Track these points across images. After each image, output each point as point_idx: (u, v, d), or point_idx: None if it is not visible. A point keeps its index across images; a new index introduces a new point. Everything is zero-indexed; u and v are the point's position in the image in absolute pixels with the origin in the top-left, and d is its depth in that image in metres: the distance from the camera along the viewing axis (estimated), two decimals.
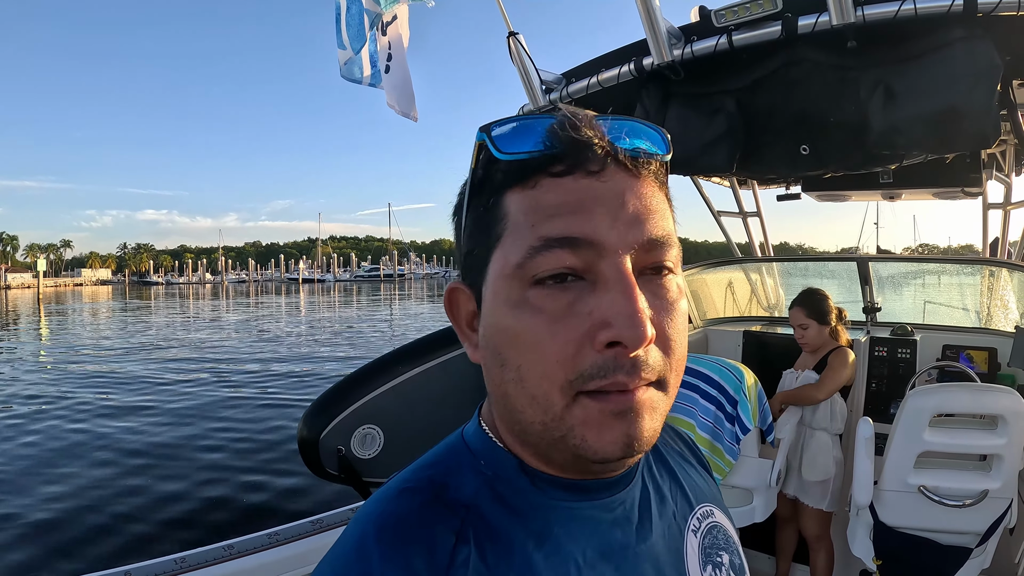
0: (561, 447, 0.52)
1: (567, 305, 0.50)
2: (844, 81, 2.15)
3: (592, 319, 0.49)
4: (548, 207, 0.50)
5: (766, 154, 2.43)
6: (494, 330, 0.54)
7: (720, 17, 2.16)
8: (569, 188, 0.51)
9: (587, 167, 0.51)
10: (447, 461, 0.59)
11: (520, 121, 0.53)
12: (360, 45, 2.77)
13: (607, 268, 0.50)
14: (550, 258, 0.50)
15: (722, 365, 2.78)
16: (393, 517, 0.52)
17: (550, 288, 0.50)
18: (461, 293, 0.60)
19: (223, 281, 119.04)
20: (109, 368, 15.52)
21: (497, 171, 0.53)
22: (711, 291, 4.54)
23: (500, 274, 0.53)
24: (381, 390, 2.28)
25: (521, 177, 0.52)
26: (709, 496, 0.72)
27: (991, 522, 2.41)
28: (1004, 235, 4.17)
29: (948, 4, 1.86)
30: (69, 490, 6.92)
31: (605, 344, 0.48)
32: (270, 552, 2.41)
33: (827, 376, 3.01)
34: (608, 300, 0.49)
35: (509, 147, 0.52)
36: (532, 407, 0.52)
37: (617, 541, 0.58)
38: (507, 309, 0.52)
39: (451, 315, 0.61)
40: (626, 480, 0.61)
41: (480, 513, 0.54)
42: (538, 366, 0.50)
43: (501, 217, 0.53)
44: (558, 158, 0.51)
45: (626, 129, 0.53)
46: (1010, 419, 2.34)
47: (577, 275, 0.50)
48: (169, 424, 9.65)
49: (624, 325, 0.48)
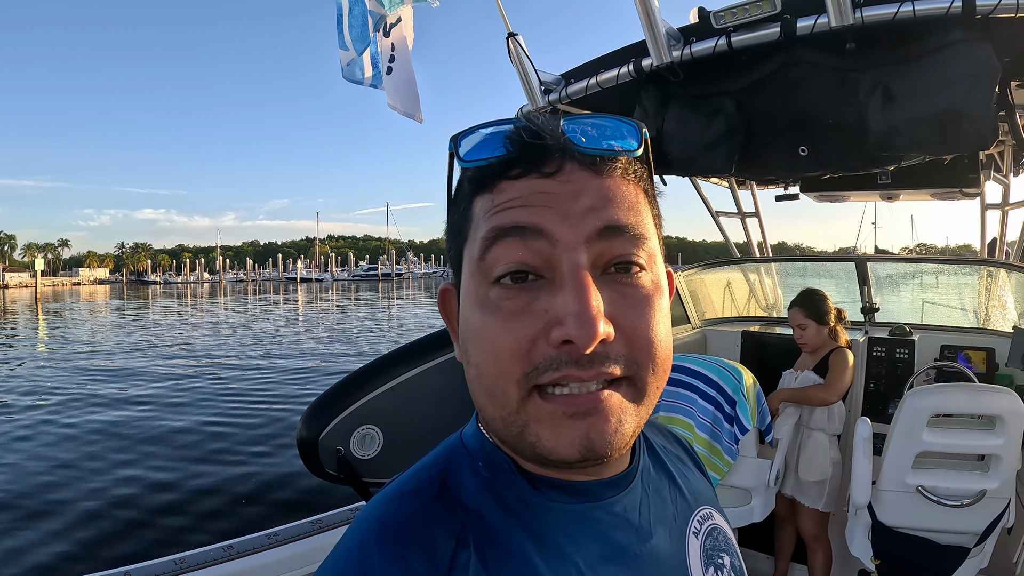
0: (521, 444, 0.53)
1: (525, 304, 0.51)
2: (843, 83, 2.15)
3: (547, 317, 0.50)
4: (502, 203, 0.52)
5: (765, 155, 2.43)
6: (463, 329, 0.56)
7: (719, 18, 2.16)
8: (522, 187, 0.52)
9: (541, 169, 0.52)
10: (446, 463, 0.59)
11: (487, 128, 0.54)
12: (364, 46, 2.78)
13: (563, 265, 0.50)
14: (503, 249, 0.51)
15: (721, 365, 2.78)
16: (394, 519, 0.52)
17: (508, 287, 0.51)
18: (451, 294, 0.62)
19: (221, 280, 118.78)
20: (106, 366, 15.48)
21: (465, 179, 0.57)
22: (710, 291, 4.54)
23: (467, 272, 0.55)
24: (380, 390, 2.27)
25: (484, 183, 0.54)
26: (707, 499, 0.72)
27: (989, 522, 2.41)
28: (1002, 235, 4.18)
29: (947, 6, 1.87)
30: (68, 487, 6.91)
31: (558, 342, 0.49)
32: (270, 552, 2.41)
33: (833, 379, 3.01)
34: (561, 299, 0.49)
35: (470, 155, 0.54)
36: (492, 403, 0.53)
37: (618, 543, 0.57)
38: (473, 307, 0.54)
39: (444, 316, 0.63)
40: (625, 482, 0.61)
41: (480, 516, 0.54)
42: (494, 362, 0.51)
43: (469, 220, 0.55)
44: (514, 162, 0.52)
45: (589, 126, 0.54)
46: (1008, 419, 2.34)
47: (537, 274, 0.51)
48: (167, 423, 9.63)
49: (573, 324, 0.48)
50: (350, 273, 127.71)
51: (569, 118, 0.54)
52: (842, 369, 3.01)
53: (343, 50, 2.84)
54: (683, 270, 4.05)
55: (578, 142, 0.53)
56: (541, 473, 0.57)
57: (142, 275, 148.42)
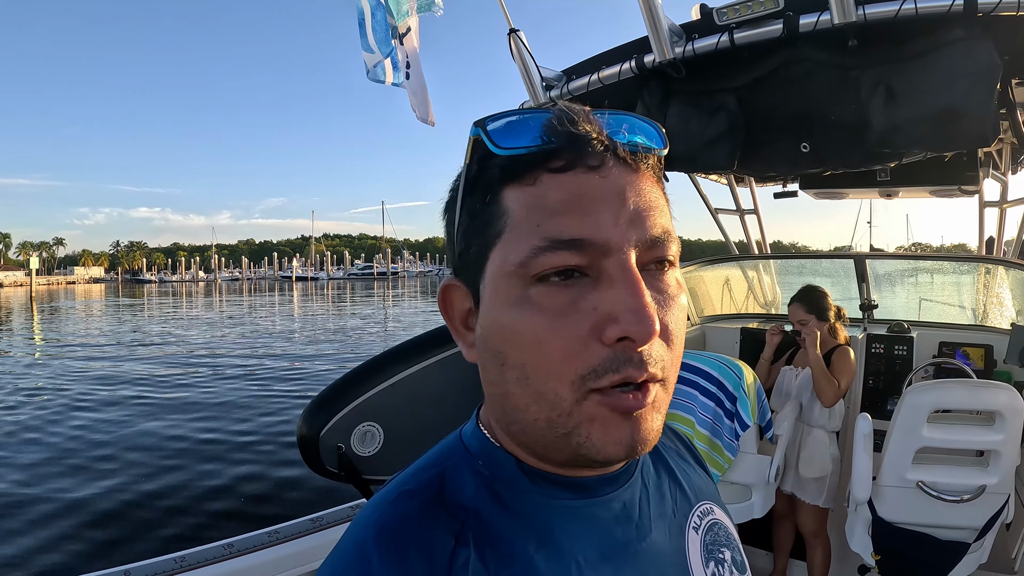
0: (562, 445, 0.52)
1: (570, 302, 0.49)
2: (845, 80, 2.15)
3: (597, 315, 0.49)
4: (551, 205, 0.50)
5: (767, 152, 2.44)
6: (494, 329, 0.53)
7: (722, 15, 2.16)
8: (570, 184, 0.50)
9: (587, 162, 0.50)
10: (445, 462, 0.59)
11: (516, 116, 0.52)
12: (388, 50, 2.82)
13: (611, 265, 0.49)
14: (554, 258, 0.49)
15: (721, 362, 2.78)
16: (392, 520, 0.52)
17: (553, 285, 0.50)
18: (456, 290, 0.58)
19: (216, 279, 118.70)
20: (102, 365, 15.45)
21: (494, 167, 0.52)
22: (708, 288, 4.55)
23: (500, 272, 0.52)
24: (381, 387, 2.27)
25: (519, 173, 0.51)
26: (708, 494, 0.72)
27: (988, 517, 2.43)
28: (1000, 233, 4.19)
29: (948, 4, 1.87)
30: (63, 486, 6.89)
31: (614, 339, 0.48)
32: (270, 550, 2.40)
33: (842, 380, 3.02)
34: (613, 295, 0.48)
35: (506, 142, 0.51)
36: (538, 404, 0.51)
37: (618, 539, 0.57)
38: (508, 307, 0.51)
39: (445, 313, 0.60)
40: (625, 477, 0.61)
41: (479, 515, 0.53)
42: (543, 363, 0.50)
43: (500, 214, 0.52)
44: (557, 153, 0.50)
45: (624, 123, 0.53)
46: (1008, 415, 2.36)
47: (580, 271, 0.50)
48: (165, 421, 9.61)
49: (632, 320, 0.47)
50: (345, 272, 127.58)
51: (599, 112, 0.53)
52: (849, 369, 3.03)
53: (368, 52, 2.88)
54: (682, 267, 4.05)
55: (619, 137, 0.52)
56: (544, 470, 0.57)
57: (137, 274, 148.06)
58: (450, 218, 0.59)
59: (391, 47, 2.81)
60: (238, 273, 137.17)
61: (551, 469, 0.56)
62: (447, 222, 0.59)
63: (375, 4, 2.79)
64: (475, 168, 0.54)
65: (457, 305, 0.59)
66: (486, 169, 0.53)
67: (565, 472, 0.57)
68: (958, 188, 3.25)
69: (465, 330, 0.59)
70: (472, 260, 0.55)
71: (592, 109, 0.54)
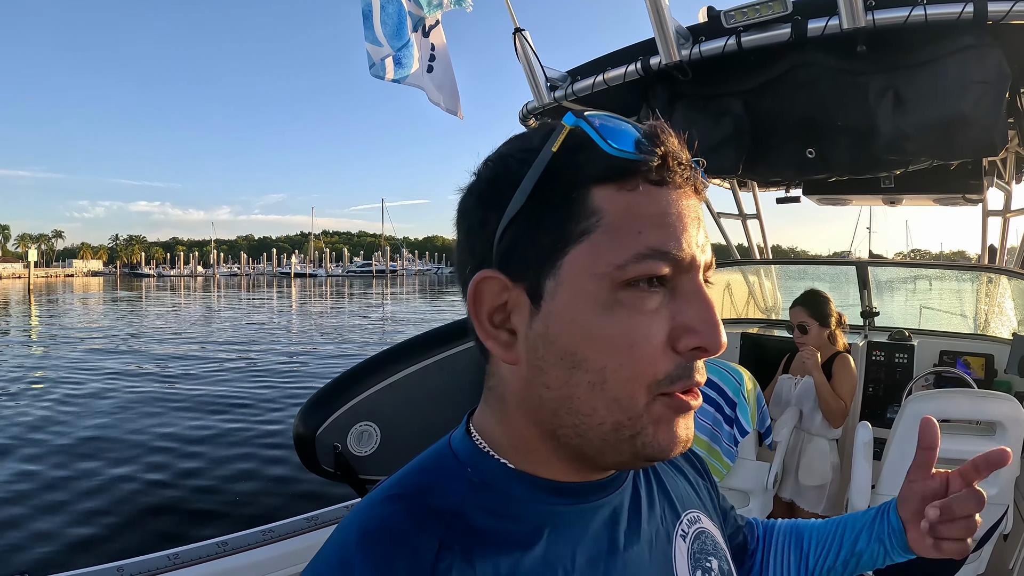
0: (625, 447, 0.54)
1: (655, 310, 0.52)
2: (853, 85, 2.15)
3: (674, 324, 0.52)
4: (652, 216, 0.52)
5: (772, 157, 2.43)
6: (570, 329, 0.52)
7: (729, 18, 2.15)
8: (667, 200, 0.53)
9: (676, 180, 0.54)
10: (432, 467, 0.59)
11: (609, 119, 0.53)
12: (400, 44, 2.80)
13: (688, 280, 0.53)
14: (649, 266, 0.51)
15: (721, 367, 2.77)
16: (375, 525, 0.52)
17: (643, 291, 0.52)
18: (495, 283, 0.55)
19: (215, 274, 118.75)
20: (97, 359, 15.43)
21: (585, 162, 0.52)
22: (709, 292, 4.54)
23: (587, 271, 0.51)
24: (378, 387, 2.26)
25: (621, 176, 0.52)
26: (697, 503, 0.74)
27: (987, 528, 2.42)
28: (1003, 242, 4.19)
29: (958, 11, 1.86)
30: (57, 482, 6.88)
31: (689, 349, 0.52)
32: (264, 549, 2.38)
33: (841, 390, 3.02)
34: (692, 309, 0.52)
35: (621, 145, 0.51)
36: (609, 408, 0.52)
37: (605, 545, 0.58)
38: (594, 308, 0.51)
39: (474, 308, 0.56)
40: (616, 483, 0.62)
41: (466, 520, 0.53)
42: (628, 367, 0.52)
43: (590, 212, 0.51)
44: (660, 167, 0.52)
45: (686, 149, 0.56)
46: (1008, 425, 2.35)
47: (661, 281, 0.53)
48: (159, 417, 9.59)
49: (709, 334, 0.52)
50: (344, 269, 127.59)
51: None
52: (851, 379, 3.02)
53: (374, 45, 2.84)
54: None
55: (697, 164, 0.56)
56: (535, 475, 0.57)
57: (136, 268, 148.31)
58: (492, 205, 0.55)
59: (404, 40, 2.79)
60: (236, 269, 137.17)
61: (541, 473, 0.58)
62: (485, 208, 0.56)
63: None
64: (563, 160, 0.52)
65: (488, 300, 0.55)
66: (577, 164, 0.52)
67: (558, 476, 0.58)
68: (962, 196, 3.25)
69: (492, 327, 0.56)
70: (538, 255, 0.53)
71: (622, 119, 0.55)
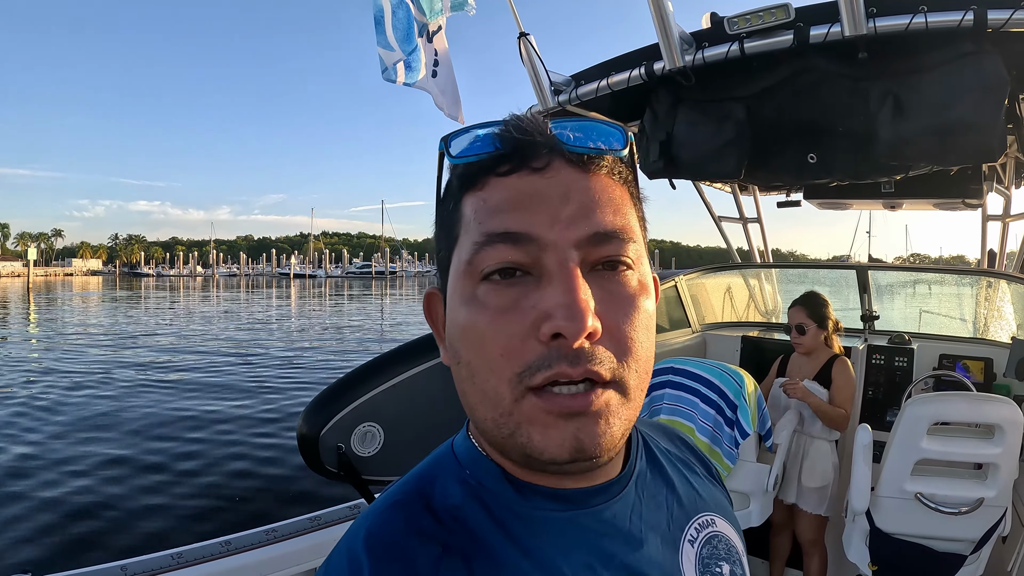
0: (511, 446, 0.52)
1: (513, 300, 0.51)
2: (853, 91, 2.16)
3: (535, 312, 0.50)
4: (493, 204, 0.52)
5: (774, 161, 2.45)
6: (450, 328, 0.56)
7: (732, 24, 2.17)
8: (512, 186, 0.52)
9: (530, 164, 0.52)
10: (435, 472, 0.60)
11: (476, 128, 0.55)
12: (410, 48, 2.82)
13: (550, 262, 0.50)
14: (493, 253, 0.51)
15: (723, 370, 2.79)
16: (380, 531, 0.53)
17: (496, 283, 0.51)
18: (435, 298, 0.61)
19: (214, 274, 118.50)
20: (97, 358, 15.40)
21: (454, 176, 0.56)
22: (710, 296, 4.55)
23: (456, 272, 0.54)
24: (382, 388, 2.27)
25: (473, 179, 0.54)
26: (711, 505, 0.70)
27: (986, 530, 2.44)
28: (1002, 247, 4.20)
29: (959, 19, 1.89)
30: (58, 479, 6.87)
31: (549, 336, 0.49)
32: (268, 549, 2.39)
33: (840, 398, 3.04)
34: (549, 292, 0.49)
35: (461, 152, 0.54)
36: (483, 403, 0.52)
37: (606, 551, 0.56)
38: (460, 306, 0.53)
39: (430, 320, 0.62)
40: (617, 488, 0.60)
41: (466, 525, 0.54)
42: (486, 361, 0.51)
43: (458, 220, 0.55)
44: (504, 158, 0.53)
45: (574, 126, 0.54)
46: (1007, 429, 2.36)
47: (524, 270, 0.51)
48: (163, 418, 9.58)
49: (562, 316, 0.48)
50: (343, 270, 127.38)
51: (556, 120, 0.55)
52: (849, 383, 3.05)
53: (386, 50, 2.86)
54: (684, 274, 4.06)
55: (566, 140, 0.53)
56: (530, 480, 0.57)
57: (135, 267, 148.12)
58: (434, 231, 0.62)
59: (413, 45, 2.81)
60: (236, 269, 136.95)
61: (537, 480, 0.56)
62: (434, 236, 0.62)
63: (397, 2, 2.79)
64: (443, 179, 0.58)
65: (438, 311, 0.61)
66: (450, 180, 0.57)
67: (551, 483, 0.56)
68: (962, 201, 3.27)
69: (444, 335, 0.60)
70: (442, 266, 0.58)
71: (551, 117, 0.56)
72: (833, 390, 3.05)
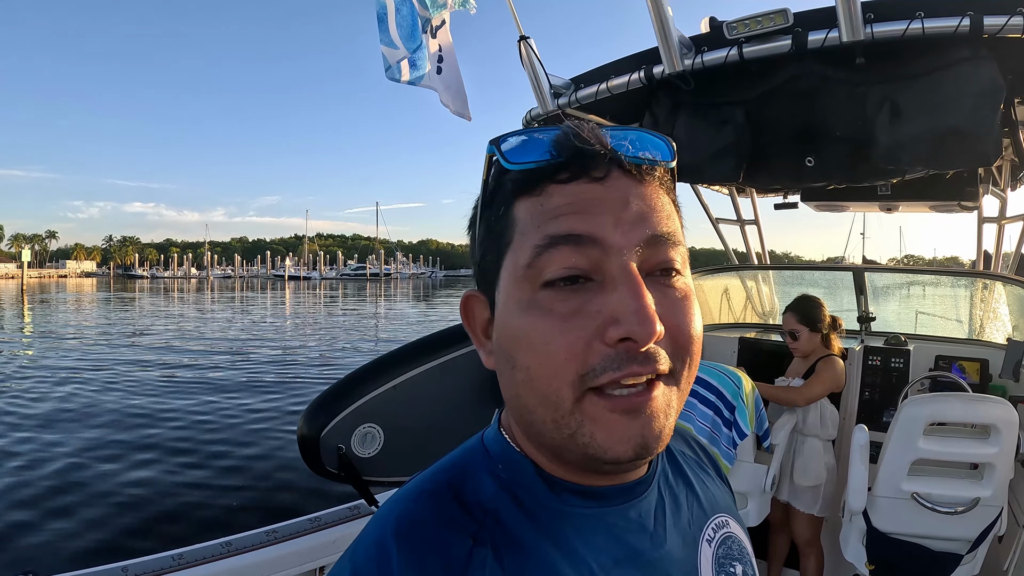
0: (571, 446, 0.53)
1: (577, 306, 0.51)
2: (851, 96, 2.19)
3: (601, 317, 0.50)
4: (553, 209, 0.52)
5: (772, 165, 2.47)
6: (505, 333, 0.55)
7: (731, 29, 2.19)
8: (573, 192, 0.53)
9: (591, 173, 0.53)
10: (466, 464, 0.60)
11: (528, 133, 0.55)
12: (414, 45, 2.81)
13: (613, 268, 0.51)
14: (556, 256, 0.51)
15: (720, 371, 2.80)
16: (411, 517, 0.54)
17: (560, 290, 0.51)
18: (476, 300, 0.61)
19: (208, 276, 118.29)
20: (91, 360, 15.34)
21: (507, 181, 0.56)
22: (707, 298, 4.57)
23: (511, 277, 0.54)
24: (382, 389, 2.27)
25: (529, 185, 0.54)
26: (724, 506, 0.72)
27: (982, 529, 2.46)
28: (998, 249, 4.23)
29: (955, 25, 1.91)
30: (61, 482, 6.85)
31: (616, 340, 0.50)
32: (268, 549, 2.39)
33: (810, 381, 3.05)
34: (616, 298, 0.50)
35: (517, 158, 0.54)
36: (543, 406, 0.53)
37: (632, 548, 0.58)
38: (517, 311, 0.53)
39: (467, 323, 0.63)
40: (643, 487, 0.62)
41: (498, 517, 0.55)
42: (548, 364, 0.51)
43: (511, 224, 0.55)
44: (563, 166, 0.53)
45: (630, 137, 0.56)
46: (1003, 429, 2.38)
47: (587, 277, 0.52)
48: (163, 420, 9.54)
49: (633, 321, 0.49)
50: (338, 272, 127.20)
51: (608, 128, 0.56)
52: (822, 374, 3.05)
53: (390, 48, 2.85)
54: None
55: (624, 150, 0.54)
56: (561, 477, 0.58)
57: (129, 269, 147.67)
58: (472, 234, 0.62)
59: (418, 42, 2.80)
60: (230, 271, 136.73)
61: (569, 477, 0.58)
62: (471, 238, 0.62)
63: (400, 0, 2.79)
64: (491, 184, 0.58)
65: (478, 316, 0.61)
66: (500, 184, 0.57)
67: (583, 480, 0.58)
68: (958, 204, 3.29)
69: (485, 339, 0.61)
70: (488, 270, 0.58)
71: (603, 124, 0.56)
72: (811, 380, 3.07)
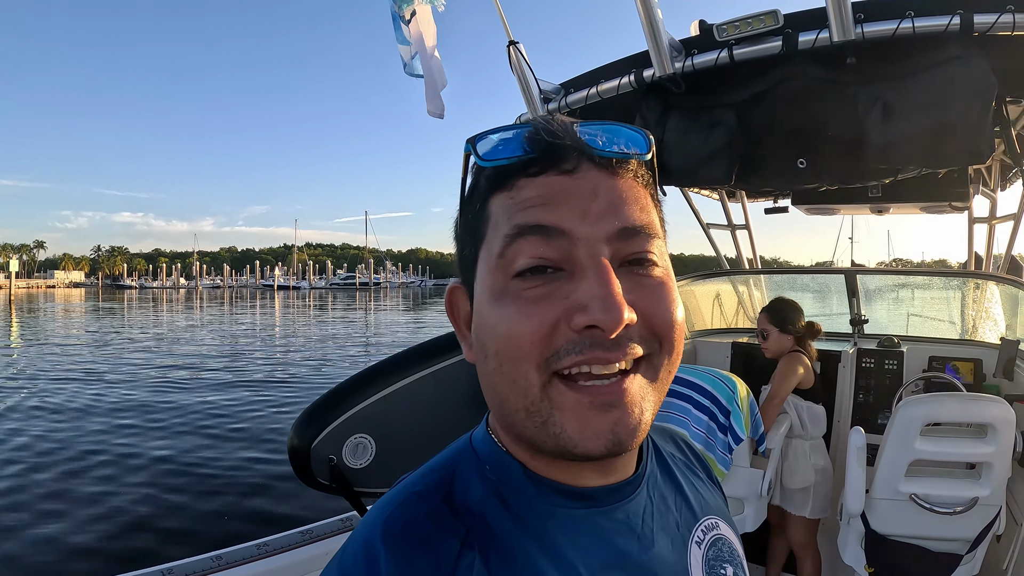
0: (544, 437, 0.52)
1: (546, 292, 0.52)
2: (842, 96, 2.19)
3: (568, 303, 0.51)
4: (523, 201, 0.53)
5: (764, 167, 2.47)
6: (479, 322, 0.56)
7: (721, 31, 2.19)
8: (543, 184, 0.53)
9: (560, 166, 0.54)
10: (454, 466, 0.60)
11: (501, 131, 0.56)
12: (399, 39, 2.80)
13: (581, 257, 0.51)
14: (524, 246, 0.52)
15: (715, 376, 2.79)
16: (400, 521, 0.53)
17: (529, 279, 0.52)
18: (460, 292, 0.62)
19: (197, 286, 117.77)
20: (79, 372, 15.20)
21: (482, 178, 0.58)
22: (699, 303, 4.57)
23: (485, 268, 0.55)
24: (373, 399, 2.25)
25: (502, 181, 0.55)
26: (715, 508, 0.72)
27: (980, 529, 2.45)
28: (989, 249, 4.26)
29: (945, 23, 1.91)
30: (51, 497, 6.76)
31: (582, 327, 0.50)
32: (259, 563, 2.38)
33: (774, 382, 3.04)
34: (584, 285, 0.50)
35: (491, 155, 0.55)
36: (513, 392, 0.53)
37: (620, 550, 0.57)
38: (490, 300, 0.54)
39: (451, 316, 0.64)
40: (630, 489, 0.61)
41: (485, 519, 0.54)
42: (515, 347, 0.52)
43: (486, 219, 0.56)
44: (534, 161, 0.54)
45: (603, 130, 0.56)
46: (1000, 427, 2.38)
47: (557, 267, 0.52)
48: (153, 433, 9.46)
49: (598, 308, 0.49)
50: (327, 281, 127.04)
51: (583, 123, 0.56)
52: (781, 371, 3.03)
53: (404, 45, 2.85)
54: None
55: (594, 144, 0.55)
56: (549, 477, 0.57)
57: (117, 279, 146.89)
58: (455, 234, 0.63)
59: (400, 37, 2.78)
60: (219, 281, 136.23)
61: (554, 475, 0.57)
62: (454, 238, 0.63)
63: None
64: (468, 181, 0.59)
65: (461, 307, 0.62)
66: (477, 181, 0.59)
67: (569, 479, 0.58)
68: (949, 204, 3.31)
69: (467, 331, 0.61)
70: (466, 262, 0.60)
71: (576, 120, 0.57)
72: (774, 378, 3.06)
